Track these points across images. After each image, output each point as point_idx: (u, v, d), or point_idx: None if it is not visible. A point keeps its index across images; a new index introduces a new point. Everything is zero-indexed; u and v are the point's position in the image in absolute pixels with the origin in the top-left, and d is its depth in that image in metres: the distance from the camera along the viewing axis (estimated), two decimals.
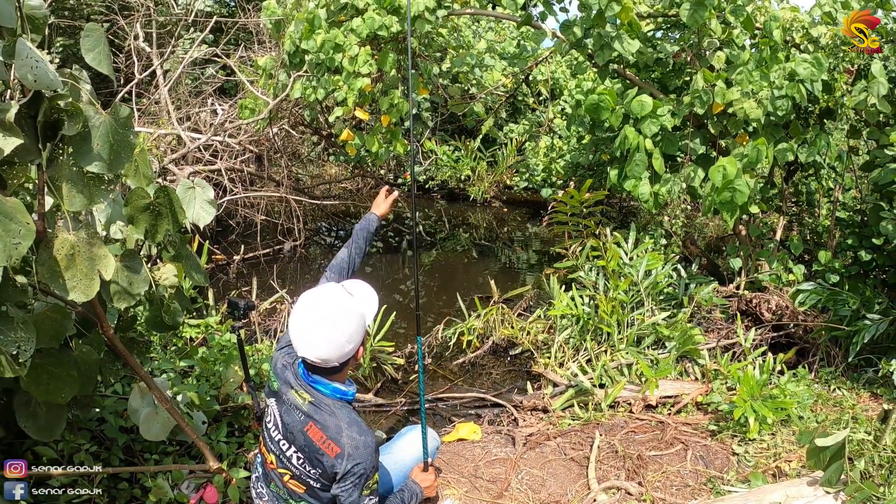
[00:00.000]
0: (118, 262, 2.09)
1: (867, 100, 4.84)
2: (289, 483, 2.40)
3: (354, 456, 2.24)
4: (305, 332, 2.24)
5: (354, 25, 5.54)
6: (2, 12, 1.63)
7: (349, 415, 2.32)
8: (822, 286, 5.11)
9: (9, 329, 1.79)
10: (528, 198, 11.10)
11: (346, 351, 2.29)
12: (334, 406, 2.32)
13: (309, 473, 2.33)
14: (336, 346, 2.25)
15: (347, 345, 2.28)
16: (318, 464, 2.30)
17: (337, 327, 2.24)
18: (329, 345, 2.24)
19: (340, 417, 2.29)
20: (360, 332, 2.33)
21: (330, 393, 2.34)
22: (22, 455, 2.64)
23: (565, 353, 4.99)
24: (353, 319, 2.29)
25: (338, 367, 2.32)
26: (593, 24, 5.08)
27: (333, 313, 2.26)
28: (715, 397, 4.12)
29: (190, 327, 4.69)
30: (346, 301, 2.33)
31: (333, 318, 2.25)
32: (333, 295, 2.33)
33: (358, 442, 2.26)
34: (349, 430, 2.26)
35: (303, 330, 2.25)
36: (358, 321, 2.31)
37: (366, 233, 3.03)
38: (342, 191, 10.90)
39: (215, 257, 7.24)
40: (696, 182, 5.29)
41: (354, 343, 2.31)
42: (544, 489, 3.37)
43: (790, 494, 2.90)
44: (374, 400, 4.62)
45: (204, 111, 8.35)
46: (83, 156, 1.80)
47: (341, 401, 2.35)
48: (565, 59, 11.21)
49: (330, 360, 2.26)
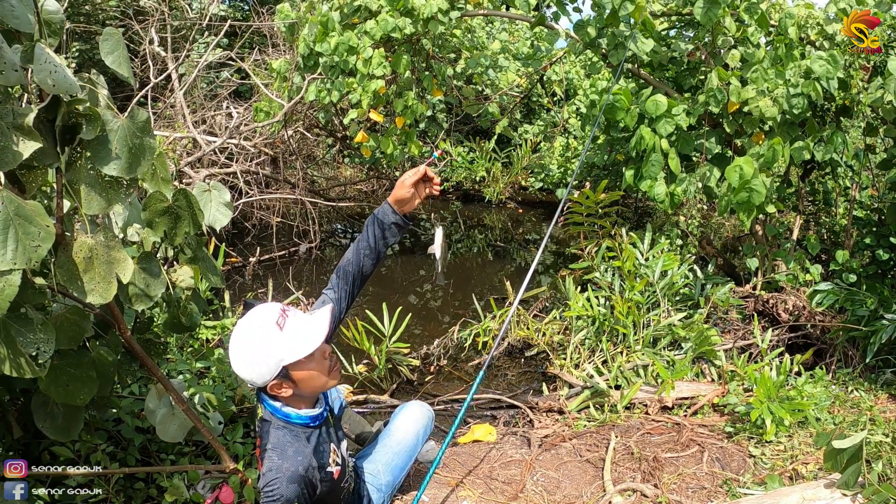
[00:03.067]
0: (135, 264, 2.11)
1: (884, 97, 4.80)
2: None
3: (265, 477, 2.21)
4: (231, 350, 2.22)
5: (368, 27, 5.56)
6: (20, 17, 1.65)
7: (281, 437, 2.27)
8: (839, 286, 5.06)
9: (28, 331, 1.81)
10: (544, 198, 11.09)
11: (253, 377, 2.19)
12: (273, 425, 2.30)
13: None
14: (245, 370, 2.20)
15: (255, 373, 2.18)
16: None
17: (244, 356, 2.19)
18: (238, 364, 2.20)
19: (271, 437, 2.27)
20: (269, 368, 2.18)
21: (272, 411, 2.31)
22: (39, 455, 2.68)
23: (581, 354, 4.98)
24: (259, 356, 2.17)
25: (264, 392, 2.28)
26: (607, 23, 5.07)
27: (245, 341, 2.20)
28: (731, 399, 4.09)
29: (206, 329, 4.72)
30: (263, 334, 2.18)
31: (243, 345, 2.20)
32: (256, 323, 2.21)
33: (272, 464, 2.21)
34: (271, 452, 2.24)
35: (230, 347, 2.23)
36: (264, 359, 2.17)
37: (374, 227, 2.53)
38: (357, 192, 10.94)
39: (230, 259, 7.28)
40: (711, 182, 5.26)
41: (266, 374, 2.19)
42: (559, 491, 3.36)
43: (807, 497, 2.88)
44: (389, 401, 4.63)
45: (219, 114, 8.41)
46: (101, 159, 1.81)
47: (283, 421, 2.31)
48: (579, 60, 11.18)
49: (248, 379, 2.22)
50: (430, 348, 5.36)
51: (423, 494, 3.16)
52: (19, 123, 1.65)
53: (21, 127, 1.65)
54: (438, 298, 7.05)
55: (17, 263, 1.59)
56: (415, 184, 2.51)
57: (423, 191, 2.56)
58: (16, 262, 1.59)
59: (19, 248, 1.60)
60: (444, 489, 3.28)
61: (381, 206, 2.55)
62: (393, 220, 2.53)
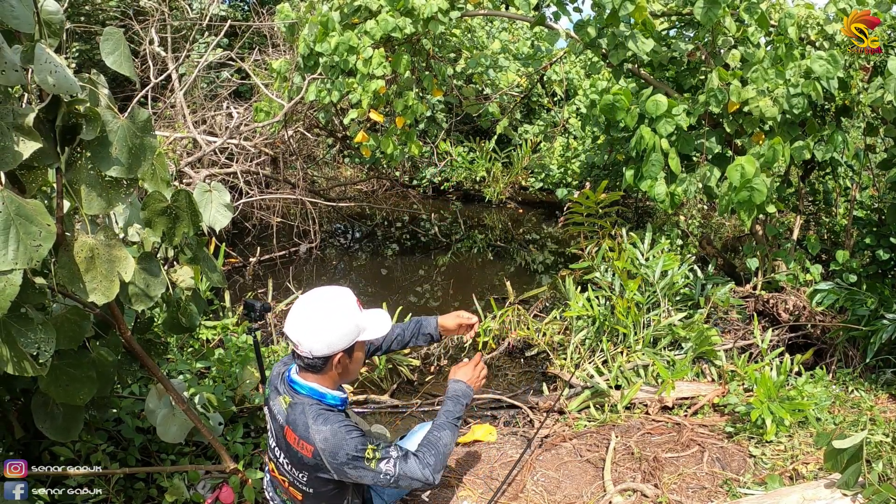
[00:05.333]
0: (136, 264, 2.11)
1: (884, 97, 4.80)
2: (289, 489, 2.42)
3: (329, 448, 2.21)
4: (301, 316, 2.27)
5: (368, 27, 5.56)
6: (20, 18, 1.65)
7: (318, 410, 2.29)
8: (839, 286, 5.07)
9: (28, 330, 1.81)
10: (544, 198, 11.08)
11: (330, 344, 2.26)
12: (307, 404, 2.30)
13: (299, 479, 2.34)
14: (320, 336, 2.25)
15: (331, 339, 2.26)
16: (302, 468, 2.30)
17: (328, 318, 2.26)
18: (314, 332, 2.25)
19: (308, 414, 2.27)
20: (347, 335, 2.30)
21: (307, 392, 2.33)
22: (40, 455, 2.68)
23: (581, 354, 4.98)
24: (346, 321, 2.29)
25: (320, 363, 2.30)
26: (607, 23, 5.07)
27: (331, 306, 2.29)
28: (732, 399, 4.09)
29: (206, 329, 4.72)
30: (349, 304, 2.33)
31: (329, 310, 2.28)
32: (341, 294, 2.35)
33: (325, 433, 2.22)
34: (315, 425, 2.23)
35: (299, 315, 2.27)
36: (348, 323, 2.30)
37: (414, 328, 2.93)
38: (357, 192, 10.95)
39: (230, 259, 7.28)
40: (712, 182, 5.26)
41: (339, 342, 2.29)
42: (560, 491, 3.36)
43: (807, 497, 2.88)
44: (389, 401, 4.63)
45: (219, 114, 8.41)
46: (101, 160, 1.81)
47: (318, 400, 2.33)
48: (579, 59, 11.18)
49: (313, 350, 2.25)
50: (430, 348, 5.36)
51: (424, 494, 3.16)
52: (19, 123, 1.65)
53: (21, 127, 1.65)
54: (438, 298, 7.05)
55: (18, 263, 1.60)
56: (462, 326, 2.95)
57: (462, 331, 2.98)
58: (17, 261, 1.59)
59: (20, 248, 1.60)
60: (444, 489, 3.28)
61: (429, 318, 2.95)
62: (430, 332, 2.94)
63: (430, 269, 8.16)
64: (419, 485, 2.34)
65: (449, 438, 2.49)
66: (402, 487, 2.40)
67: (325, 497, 2.37)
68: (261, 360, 3.24)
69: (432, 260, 8.51)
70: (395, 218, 10.35)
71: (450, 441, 2.49)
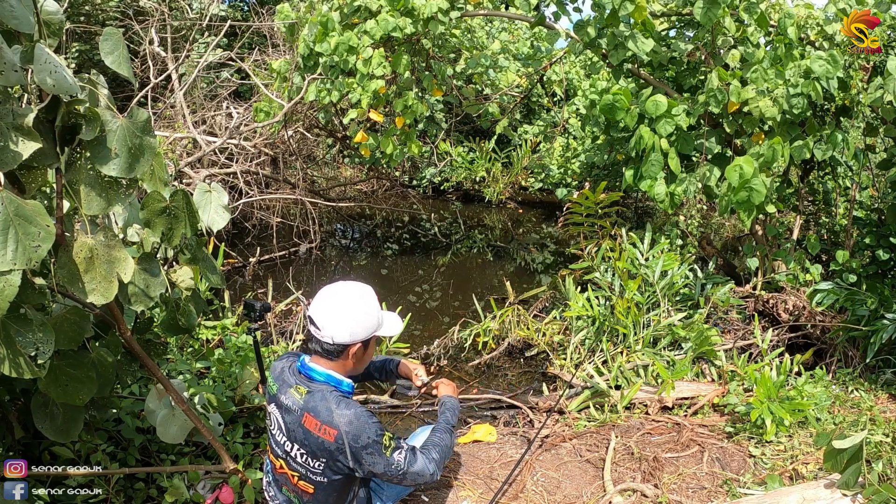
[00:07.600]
0: (136, 264, 2.11)
1: (884, 97, 4.80)
2: (298, 484, 2.43)
3: (352, 431, 2.27)
4: (328, 302, 2.37)
5: (368, 27, 5.56)
6: (20, 18, 1.65)
7: (338, 398, 2.35)
8: (839, 286, 5.06)
9: (27, 331, 1.81)
10: (543, 199, 11.08)
11: (352, 332, 2.37)
12: (326, 391, 2.36)
13: (314, 469, 2.35)
14: (345, 323, 2.35)
15: (355, 328, 2.37)
16: (321, 454, 2.32)
17: (354, 308, 2.38)
18: (340, 319, 2.35)
19: (329, 400, 2.33)
20: (368, 327, 2.42)
21: (324, 380, 2.40)
22: (40, 455, 2.68)
23: (581, 354, 4.98)
24: (369, 314, 2.42)
25: (338, 350, 2.38)
26: (607, 23, 5.07)
27: (357, 297, 2.41)
28: (731, 399, 4.09)
29: (206, 329, 4.71)
30: (373, 300, 2.47)
31: (355, 299, 2.40)
32: (367, 289, 2.48)
33: (349, 416, 2.29)
34: (338, 409, 2.30)
35: (327, 300, 2.38)
36: (371, 317, 2.43)
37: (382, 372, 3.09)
38: (357, 192, 10.95)
39: (230, 260, 7.28)
40: (711, 182, 5.26)
41: (360, 331, 2.40)
42: (560, 491, 3.36)
43: (807, 497, 2.88)
44: (389, 401, 4.63)
45: (219, 114, 8.41)
46: (101, 160, 1.81)
47: (335, 387, 2.40)
48: (579, 60, 11.18)
49: (335, 336, 2.34)
50: (431, 348, 5.37)
51: (424, 494, 3.16)
52: (19, 124, 1.65)
53: (21, 127, 1.65)
54: (438, 299, 7.05)
55: (18, 264, 1.59)
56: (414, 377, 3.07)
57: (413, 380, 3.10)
58: (16, 262, 1.59)
59: (19, 249, 1.60)
60: (444, 489, 3.28)
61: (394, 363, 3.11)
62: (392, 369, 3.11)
63: (429, 269, 8.16)
64: (423, 480, 2.45)
65: (450, 441, 2.66)
66: (407, 482, 2.46)
67: (337, 487, 2.41)
68: (261, 360, 3.24)
69: (432, 260, 8.51)
70: (394, 218, 10.35)
71: (451, 443, 2.66)
